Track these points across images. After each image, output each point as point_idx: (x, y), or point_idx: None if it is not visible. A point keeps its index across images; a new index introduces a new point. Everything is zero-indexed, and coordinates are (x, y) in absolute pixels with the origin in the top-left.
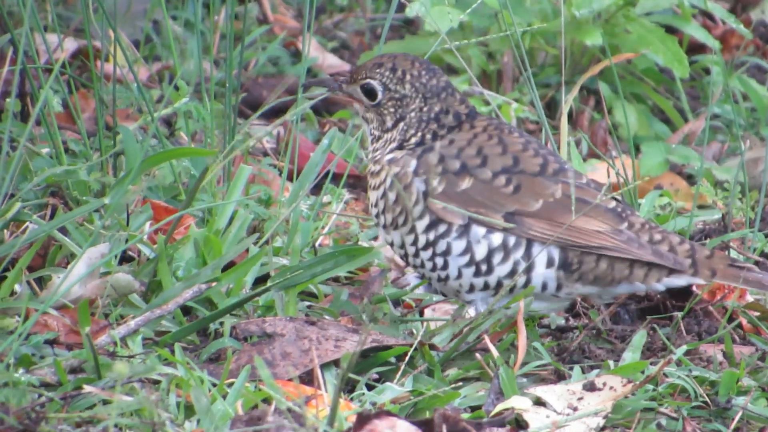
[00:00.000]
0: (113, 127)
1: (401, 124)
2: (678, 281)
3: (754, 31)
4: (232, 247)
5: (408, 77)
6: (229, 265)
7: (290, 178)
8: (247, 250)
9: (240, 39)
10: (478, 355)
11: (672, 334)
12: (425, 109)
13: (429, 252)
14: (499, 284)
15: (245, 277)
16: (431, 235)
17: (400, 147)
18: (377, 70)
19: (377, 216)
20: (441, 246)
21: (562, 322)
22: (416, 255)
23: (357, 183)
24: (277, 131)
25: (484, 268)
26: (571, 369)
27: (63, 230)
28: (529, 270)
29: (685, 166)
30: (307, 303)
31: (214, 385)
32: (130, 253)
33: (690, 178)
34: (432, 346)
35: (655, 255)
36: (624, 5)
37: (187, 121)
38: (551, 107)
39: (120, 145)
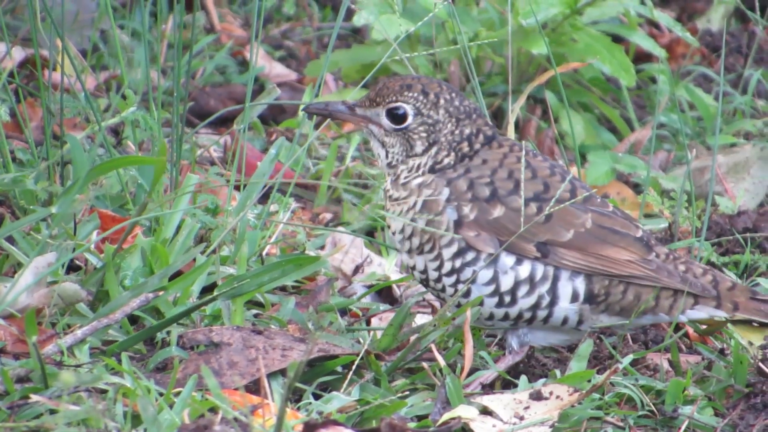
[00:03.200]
0: (60, 136)
1: (433, 149)
2: (700, 314)
3: (700, 40)
4: (180, 257)
5: (441, 101)
6: (177, 275)
7: (237, 188)
8: (195, 260)
9: (187, 48)
10: (425, 364)
11: (618, 344)
12: (456, 132)
13: (453, 278)
14: (519, 317)
15: (192, 287)
16: (458, 263)
17: (431, 170)
18: (408, 94)
19: (402, 241)
20: (466, 273)
21: None
22: (438, 280)
23: (304, 192)
24: (225, 140)
25: (507, 299)
26: (517, 378)
27: (10, 239)
28: (552, 304)
29: (631, 175)
30: (254, 312)
31: (161, 394)
32: (77, 262)
33: (636, 187)
34: (379, 356)
35: (683, 282)
36: (571, 14)
37: (135, 130)
38: (498, 116)
39: (67, 154)
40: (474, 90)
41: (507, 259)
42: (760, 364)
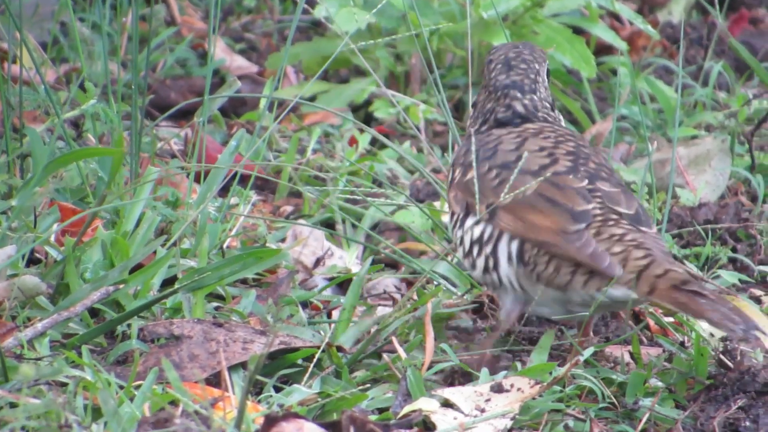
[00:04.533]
0: (20, 128)
1: (474, 111)
2: (616, 293)
3: (661, 32)
4: (140, 249)
5: (487, 69)
6: (137, 267)
7: (198, 180)
8: (155, 252)
9: (147, 41)
10: (386, 356)
11: (579, 336)
12: (486, 103)
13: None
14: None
15: (153, 279)
16: (450, 225)
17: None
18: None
19: None
20: (456, 234)
21: (470, 324)
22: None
23: (265, 185)
24: (185, 133)
25: (470, 260)
26: (478, 371)
27: None
28: (496, 266)
29: None
30: (214, 305)
31: (122, 387)
32: (37, 255)
33: None
34: (340, 348)
35: (590, 256)
36: (531, 6)
37: (95, 123)
38: (459, 108)
39: (27, 146)
40: (435, 82)
41: (468, 220)
42: (721, 356)
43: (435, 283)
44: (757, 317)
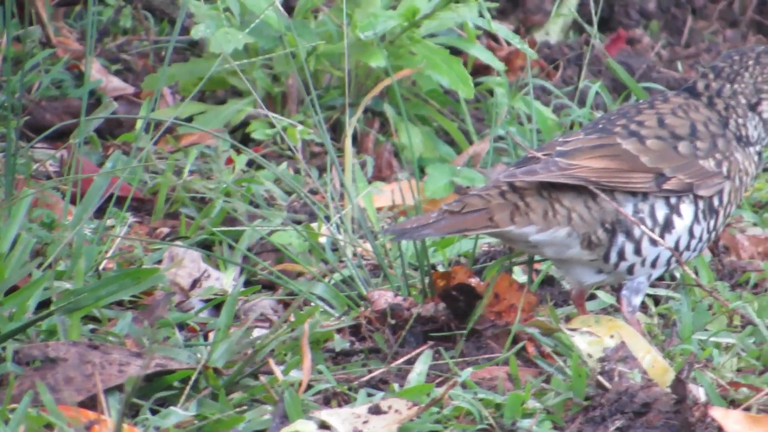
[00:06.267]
0: None
1: None
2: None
3: (538, 53)
4: (15, 271)
5: None
6: (12, 290)
7: (74, 202)
8: (30, 274)
9: (22, 62)
10: (263, 378)
11: (457, 357)
12: None
13: None
14: None
15: (28, 302)
16: None
17: None
18: None
19: None
20: None
21: (347, 345)
22: None
23: (141, 206)
24: (61, 154)
25: None
26: (356, 392)
27: None
28: None
29: (470, 188)
30: (90, 327)
31: None
32: None
33: None
34: (216, 370)
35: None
36: (409, 27)
37: None
38: (337, 129)
39: None
40: (312, 103)
41: None
42: (599, 377)
43: (312, 304)
44: (634, 339)
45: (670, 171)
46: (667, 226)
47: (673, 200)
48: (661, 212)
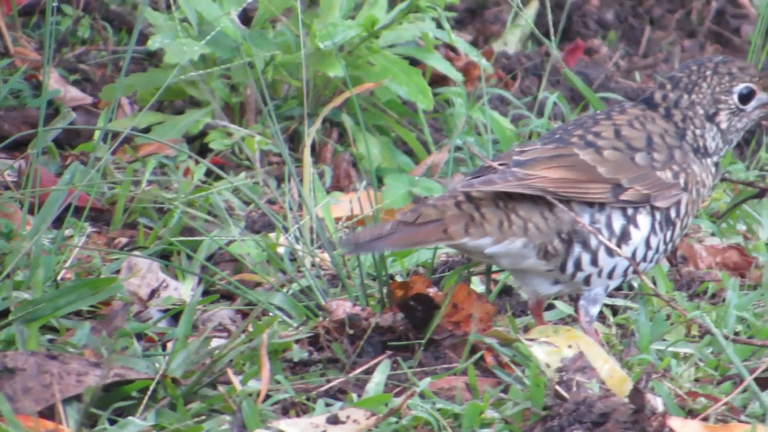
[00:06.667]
0: None
1: None
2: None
3: (496, 63)
4: None
5: None
6: None
7: (32, 212)
8: None
9: None
10: (221, 388)
11: (416, 367)
12: None
13: None
14: None
15: None
16: None
17: None
18: None
19: None
20: None
21: (306, 355)
22: None
23: (99, 216)
24: (19, 165)
25: None
26: (314, 402)
27: None
28: None
29: (427, 198)
30: (48, 337)
31: None
32: None
33: None
34: (175, 380)
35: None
36: (367, 37)
37: None
38: (295, 140)
39: None
40: (270, 113)
41: None
42: (557, 387)
43: (270, 314)
44: (592, 349)
45: (627, 182)
46: (624, 237)
47: (630, 211)
48: (618, 223)
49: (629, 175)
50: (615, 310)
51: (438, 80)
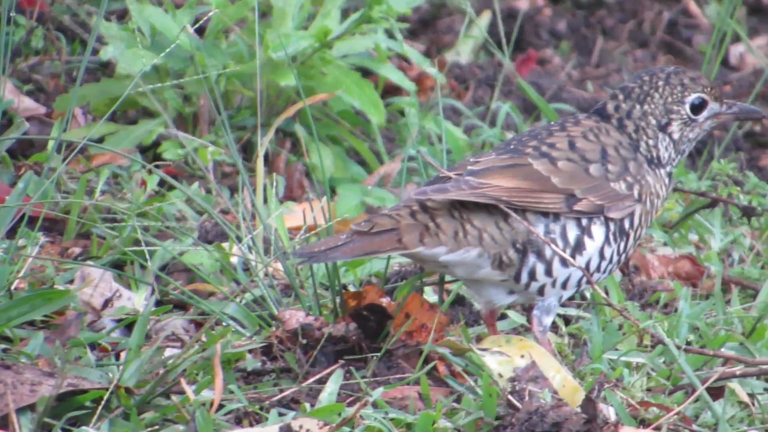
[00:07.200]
0: None
1: None
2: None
3: (449, 73)
4: None
5: None
6: None
7: None
8: None
9: None
10: (174, 397)
11: (369, 376)
12: None
13: None
14: None
15: None
16: None
17: None
18: None
19: None
20: None
21: (259, 365)
22: None
23: (53, 226)
24: None
25: None
26: (267, 412)
27: None
28: None
29: (381, 208)
30: (2, 347)
31: None
32: None
33: None
34: (128, 390)
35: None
36: (320, 47)
37: None
38: (248, 150)
39: None
40: (223, 123)
41: None
42: (510, 397)
43: (224, 323)
44: (545, 358)
45: (581, 192)
46: (579, 248)
47: (584, 222)
48: (572, 233)
49: (583, 186)
50: (567, 320)
51: (391, 90)
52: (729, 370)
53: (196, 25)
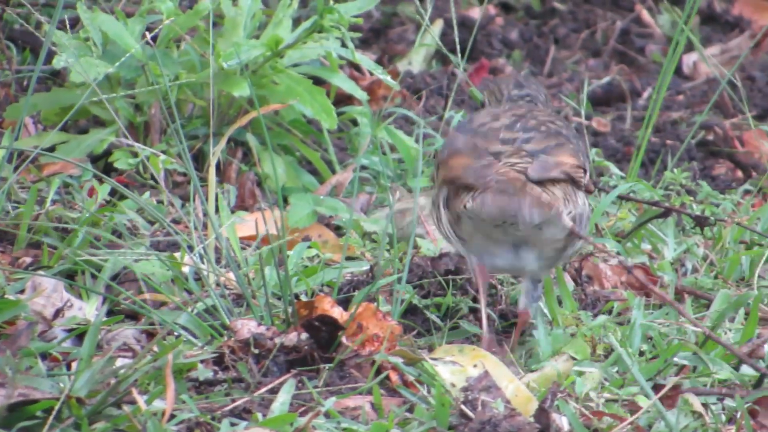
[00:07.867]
0: None
1: None
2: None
3: (401, 82)
4: None
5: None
6: None
7: None
8: None
9: None
10: (126, 407)
11: (321, 386)
12: None
13: None
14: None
15: None
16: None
17: None
18: None
19: None
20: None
21: (211, 374)
22: None
23: (3, 236)
24: None
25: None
26: (219, 422)
27: None
28: (439, 220)
29: (333, 217)
30: None
31: None
32: None
33: (338, 230)
34: (79, 400)
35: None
36: (272, 56)
37: None
38: (199, 159)
39: None
40: (175, 132)
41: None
42: (462, 407)
43: (176, 334)
44: (497, 367)
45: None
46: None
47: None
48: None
49: (586, 164)
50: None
51: (343, 99)
52: (683, 379)
53: (151, 34)
